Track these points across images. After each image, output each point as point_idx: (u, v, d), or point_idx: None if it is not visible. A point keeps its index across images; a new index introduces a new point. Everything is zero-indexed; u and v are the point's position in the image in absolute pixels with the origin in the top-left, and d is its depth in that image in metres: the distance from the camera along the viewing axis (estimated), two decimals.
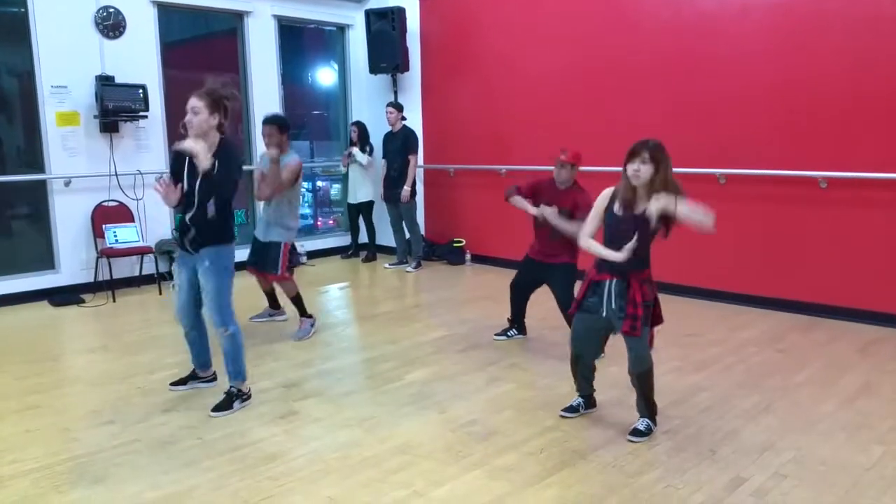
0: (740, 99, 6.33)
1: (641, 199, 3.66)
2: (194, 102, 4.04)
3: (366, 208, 9.09)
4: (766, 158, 6.23)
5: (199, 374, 4.64)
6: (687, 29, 6.61)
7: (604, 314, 3.77)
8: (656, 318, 3.81)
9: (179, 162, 4.19)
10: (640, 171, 3.60)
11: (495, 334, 5.61)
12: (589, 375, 4.08)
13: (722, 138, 6.47)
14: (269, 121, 5.65)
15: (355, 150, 8.82)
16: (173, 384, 4.61)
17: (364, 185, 8.95)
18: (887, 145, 5.59)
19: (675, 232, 3.69)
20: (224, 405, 4.21)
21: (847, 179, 5.83)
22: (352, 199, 9.08)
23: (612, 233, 3.75)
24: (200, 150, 3.96)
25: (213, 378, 4.65)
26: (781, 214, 6.22)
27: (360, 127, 8.95)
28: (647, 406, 3.83)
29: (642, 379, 3.79)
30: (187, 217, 4.17)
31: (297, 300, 5.86)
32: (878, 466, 3.43)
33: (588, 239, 3.82)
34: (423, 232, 9.05)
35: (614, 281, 3.73)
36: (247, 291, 7.15)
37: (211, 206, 4.13)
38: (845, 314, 5.91)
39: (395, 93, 9.10)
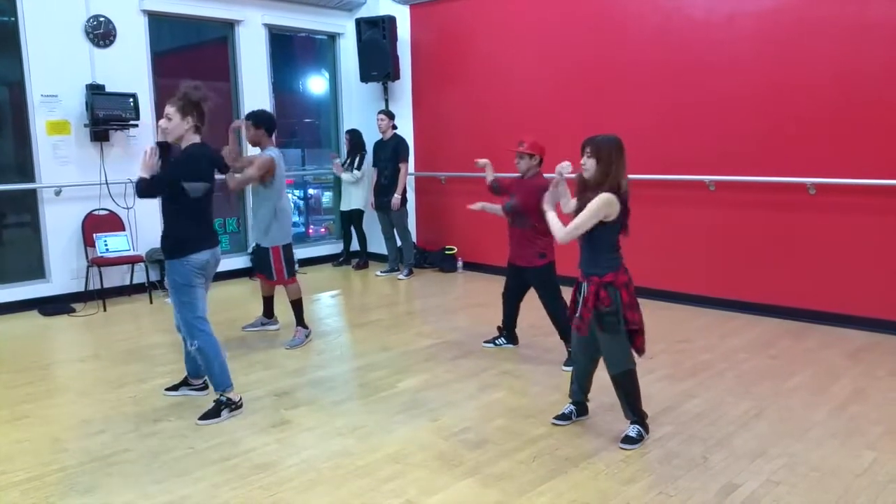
0: (729, 106, 6.36)
1: (590, 192, 3.77)
2: (167, 109, 4.16)
3: (357, 216, 9.08)
4: (756, 165, 6.27)
5: (190, 381, 4.64)
6: (676, 37, 6.65)
7: (576, 314, 3.86)
8: (628, 323, 3.76)
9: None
10: (586, 164, 3.76)
11: (484, 341, 5.62)
12: (584, 383, 4.08)
13: (711, 145, 6.50)
14: (247, 116, 5.78)
15: (344, 175, 8.88)
16: (168, 389, 4.65)
17: (357, 193, 8.95)
18: (876, 151, 5.63)
19: (665, 238, 3.70)
20: (211, 413, 4.20)
21: (836, 185, 5.86)
22: (344, 207, 9.08)
23: None
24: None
25: (205, 387, 4.63)
26: (771, 221, 6.25)
27: (352, 136, 8.94)
28: (633, 411, 3.85)
29: (616, 381, 3.84)
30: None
31: (298, 305, 5.84)
32: (869, 472, 3.44)
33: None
34: (414, 239, 9.05)
35: (584, 284, 3.83)
36: (240, 299, 7.14)
37: (168, 207, 4.19)
38: (836, 320, 5.93)
39: (386, 101, 9.11)
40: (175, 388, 4.65)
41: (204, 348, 4.24)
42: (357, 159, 8.84)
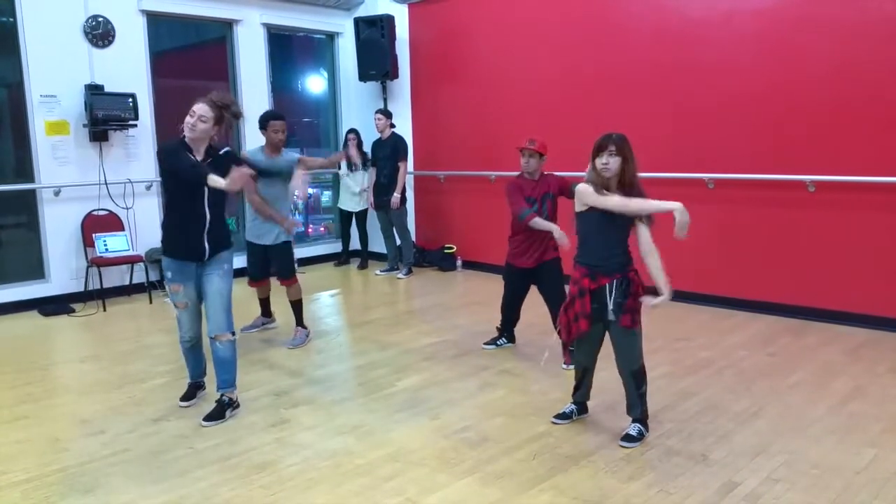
0: (728, 103, 6.36)
1: (612, 192, 3.69)
2: (204, 111, 4.01)
3: (359, 215, 9.05)
4: (754, 162, 6.27)
5: (199, 383, 4.60)
6: (675, 35, 6.65)
7: (610, 317, 3.76)
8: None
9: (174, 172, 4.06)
10: (609, 163, 3.64)
11: (484, 343, 5.59)
12: (590, 382, 4.08)
13: (710, 143, 6.50)
14: (280, 115, 5.72)
15: (349, 179, 8.89)
16: (183, 399, 4.48)
17: (358, 194, 8.93)
18: (875, 148, 5.62)
19: (664, 236, 3.69)
20: (216, 414, 4.19)
21: (835, 183, 5.86)
22: (343, 206, 9.07)
23: (587, 229, 3.79)
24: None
25: (203, 386, 4.63)
26: (770, 218, 6.25)
27: (358, 135, 8.87)
28: (639, 409, 3.84)
29: (638, 376, 3.79)
30: (205, 234, 4.12)
31: (299, 305, 5.83)
32: (869, 469, 3.44)
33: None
34: (413, 238, 9.05)
35: (614, 282, 3.72)
36: (237, 301, 7.12)
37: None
38: (835, 317, 5.93)
39: (385, 100, 9.11)
40: (191, 396, 4.51)
41: (236, 341, 4.27)
42: (368, 160, 8.82)
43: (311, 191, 10.10)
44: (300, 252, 9.05)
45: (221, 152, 4.20)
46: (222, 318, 4.18)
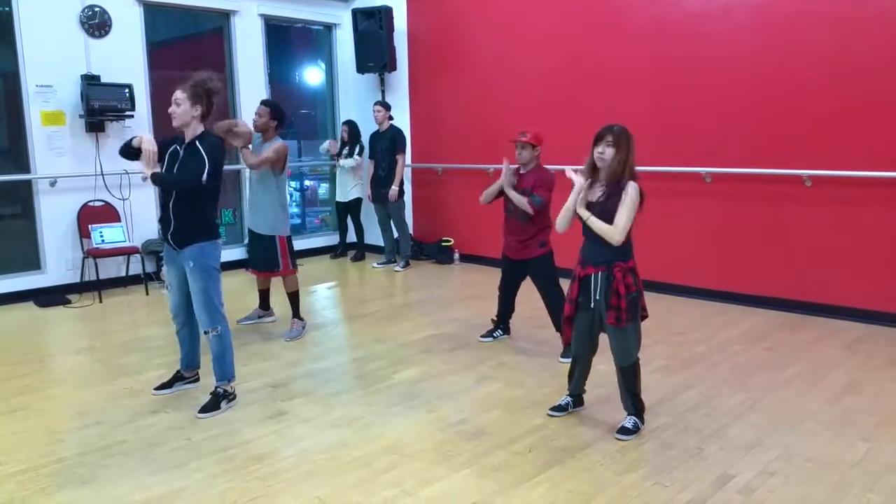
0: (725, 97, 6.36)
1: (599, 183, 3.79)
2: (177, 94, 4.12)
3: (354, 206, 9.07)
4: (752, 157, 6.27)
5: (184, 374, 4.60)
6: (672, 29, 6.64)
7: (591, 306, 3.80)
8: (641, 311, 3.82)
9: (161, 150, 4.23)
10: (605, 153, 3.70)
11: (481, 336, 5.60)
12: (585, 375, 4.09)
13: (708, 137, 6.50)
14: (266, 102, 5.74)
15: (342, 161, 8.83)
16: (157, 388, 4.55)
17: (352, 184, 8.94)
18: (872, 143, 5.63)
19: (661, 230, 3.69)
20: (211, 406, 4.19)
21: (832, 177, 5.86)
22: (340, 198, 9.07)
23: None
24: (148, 154, 4.08)
25: (197, 379, 4.63)
26: (767, 213, 6.26)
27: (351, 126, 8.92)
28: (634, 403, 3.85)
29: (627, 373, 3.81)
30: (170, 205, 4.18)
31: (295, 297, 5.82)
32: (863, 463, 3.46)
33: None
34: (411, 231, 9.05)
35: (599, 273, 3.75)
36: (236, 292, 7.13)
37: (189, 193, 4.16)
38: (832, 312, 5.95)
39: (383, 92, 9.09)
40: (167, 385, 4.56)
41: (224, 335, 4.27)
42: (357, 148, 8.84)
43: (308, 183, 10.11)
44: (297, 244, 9.01)
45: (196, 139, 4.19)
46: (201, 314, 4.23)
